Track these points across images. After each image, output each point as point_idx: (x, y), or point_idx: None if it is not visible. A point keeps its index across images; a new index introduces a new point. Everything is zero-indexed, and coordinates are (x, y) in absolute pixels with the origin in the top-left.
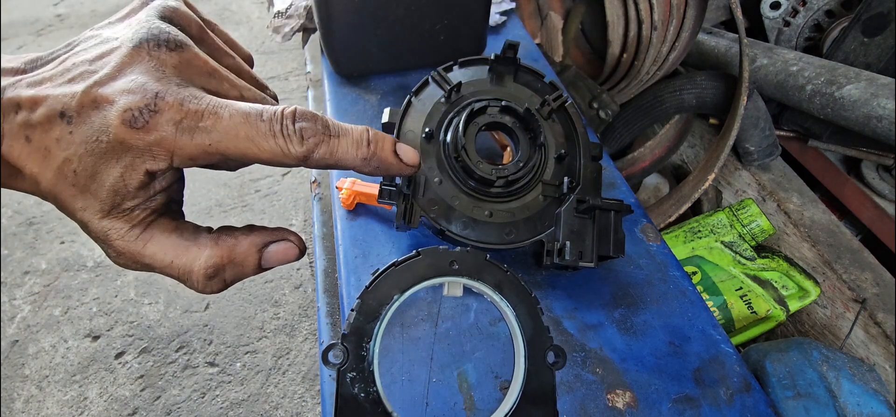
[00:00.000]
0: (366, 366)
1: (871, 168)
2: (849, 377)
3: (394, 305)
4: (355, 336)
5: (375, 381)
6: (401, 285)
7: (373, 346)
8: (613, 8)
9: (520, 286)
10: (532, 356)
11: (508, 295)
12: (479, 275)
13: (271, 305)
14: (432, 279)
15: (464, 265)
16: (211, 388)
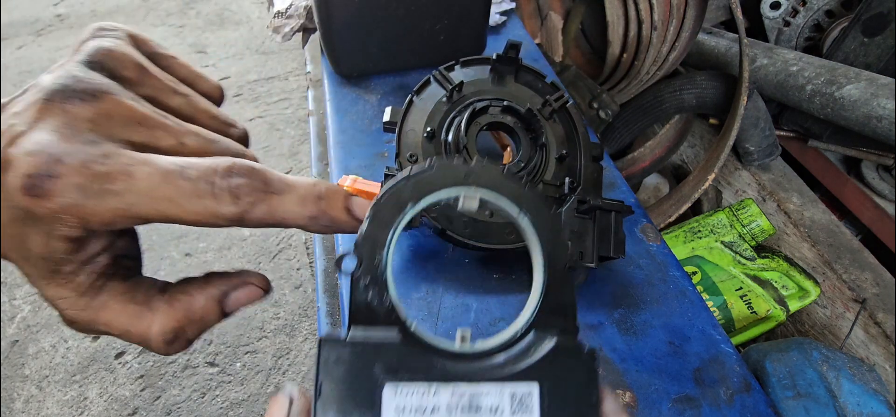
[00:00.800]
0: (379, 274)
1: (871, 168)
2: (849, 377)
3: (407, 214)
4: (368, 245)
5: (389, 288)
6: (414, 195)
7: (386, 254)
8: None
9: (538, 199)
10: (551, 269)
11: (527, 208)
12: (496, 187)
13: (271, 305)
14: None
15: (480, 176)
16: (211, 388)
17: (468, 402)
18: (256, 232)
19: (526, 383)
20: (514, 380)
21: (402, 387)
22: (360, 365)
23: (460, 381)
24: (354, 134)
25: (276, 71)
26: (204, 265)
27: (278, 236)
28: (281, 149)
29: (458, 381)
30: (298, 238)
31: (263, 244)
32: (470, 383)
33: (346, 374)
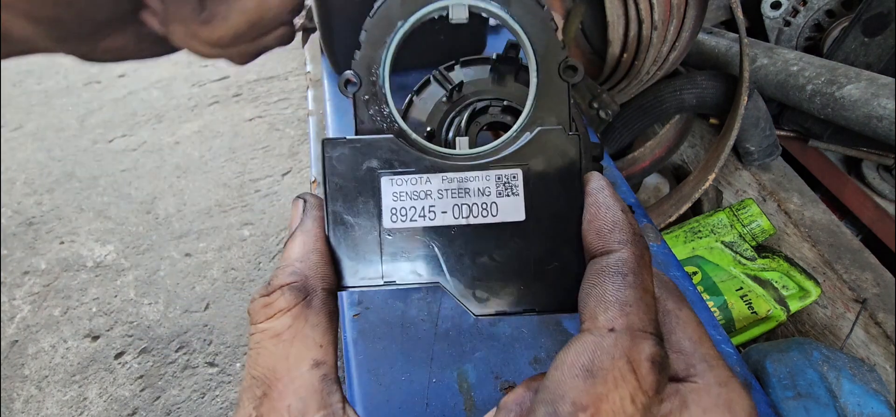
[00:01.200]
0: (378, 89)
1: (872, 168)
2: (849, 377)
3: (399, 31)
4: (365, 64)
5: (388, 102)
6: (404, 12)
7: (382, 70)
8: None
9: (531, 1)
10: (545, 69)
11: (516, 10)
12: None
13: None
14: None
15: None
16: (211, 388)
17: (457, 187)
18: (256, 233)
19: (511, 169)
20: (500, 167)
21: (398, 177)
22: (360, 161)
23: (450, 171)
24: None
25: (275, 71)
26: (203, 264)
27: (278, 236)
28: (281, 149)
29: (448, 171)
30: None
31: (264, 245)
32: (459, 172)
33: (349, 169)
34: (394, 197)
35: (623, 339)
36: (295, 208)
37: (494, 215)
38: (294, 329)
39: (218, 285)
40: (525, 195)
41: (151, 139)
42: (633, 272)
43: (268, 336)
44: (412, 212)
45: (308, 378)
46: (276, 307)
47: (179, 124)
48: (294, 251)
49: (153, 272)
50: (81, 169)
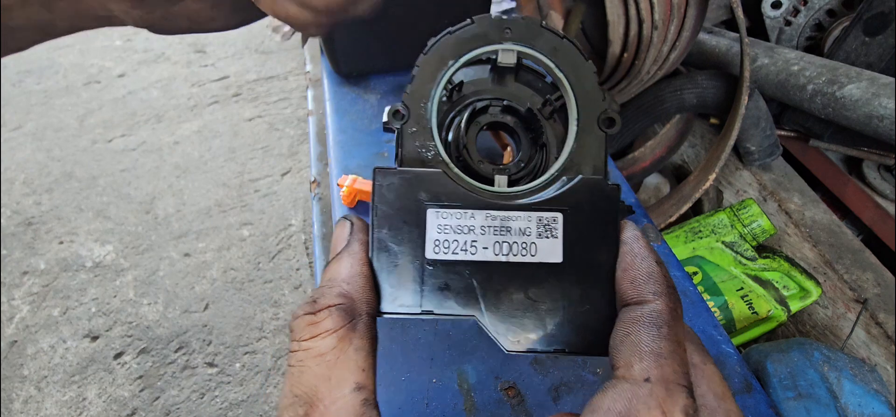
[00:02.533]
0: (426, 123)
1: (873, 168)
2: (850, 377)
3: (450, 69)
4: (415, 99)
5: (434, 137)
6: (455, 51)
7: (431, 105)
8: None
9: (574, 51)
10: (585, 117)
11: (561, 60)
12: (532, 41)
13: (271, 305)
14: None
15: (517, 30)
16: (210, 389)
17: (500, 224)
18: (256, 233)
19: (552, 212)
20: (542, 209)
21: (444, 211)
22: (408, 192)
23: (493, 209)
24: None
25: (275, 71)
26: (203, 264)
27: (278, 236)
28: (280, 149)
29: (492, 209)
30: (298, 239)
31: (263, 245)
32: (502, 210)
33: (397, 198)
34: (438, 229)
35: (658, 390)
36: (341, 228)
37: (533, 255)
38: (338, 351)
39: (217, 285)
40: (563, 239)
41: (151, 139)
42: (668, 324)
43: (311, 355)
44: (455, 245)
45: (350, 401)
46: (322, 327)
47: (179, 124)
48: (341, 272)
49: (152, 272)
50: (81, 169)
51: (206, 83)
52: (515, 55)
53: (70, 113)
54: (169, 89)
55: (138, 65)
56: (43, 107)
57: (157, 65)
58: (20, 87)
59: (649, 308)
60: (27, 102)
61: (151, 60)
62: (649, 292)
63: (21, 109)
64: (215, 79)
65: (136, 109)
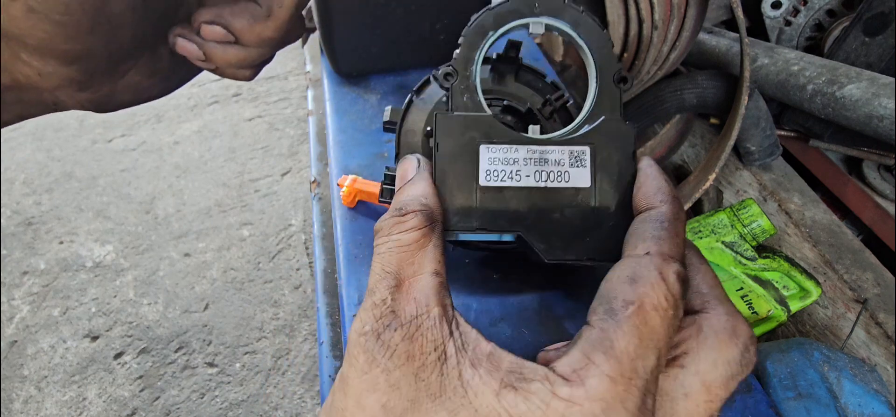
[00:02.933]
0: (471, 82)
1: (873, 168)
2: (850, 377)
3: (489, 39)
4: (462, 63)
5: (478, 92)
6: (494, 24)
7: (475, 68)
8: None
9: (592, 22)
10: (602, 77)
11: (582, 31)
12: (558, 14)
13: (271, 305)
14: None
15: (544, 6)
16: (210, 389)
17: (539, 156)
18: (256, 233)
19: (581, 146)
20: (572, 144)
21: (493, 147)
22: (463, 131)
23: (534, 145)
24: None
25: (275, 70)
26: (203, 264)
27: (278, 236)
28: (280, 149)
29: (533, 145)
30: (298, 239)
31: (263, 245)
32: (541, 146)
33: (455, 137)
34: (489, 161)
35: (656, 259)
36: (408, 163)
37: (567, 181)
38: (420, 244)
39: (217, 285)
40: (591, 167)
41: (151, 139)
42: (669, 220)
43: (397, 245)
44: (503, 174)
45: (430, 281)
46: (408, 224)
47: (179, 124)
48: (417, 190)
49: (152, 272)
50: (80, 169)
51: (205, 83)
52: (544, 27)
53: (70, 112)
54: None
55: None
56: None
57: None
58: None
59: (656, 211)
60: None
61: None
62: (657, 200)
63: None
64: (215, 79)
65: (135, 109)
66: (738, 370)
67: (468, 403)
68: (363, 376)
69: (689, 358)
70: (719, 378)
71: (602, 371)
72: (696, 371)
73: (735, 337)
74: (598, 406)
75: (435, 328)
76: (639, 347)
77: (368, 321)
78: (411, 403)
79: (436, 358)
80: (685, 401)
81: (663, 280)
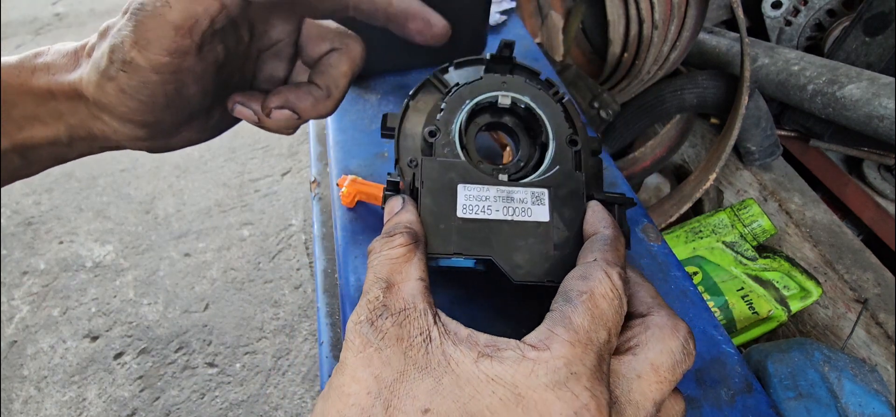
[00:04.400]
0: (451, 139)
1: (873, 168)
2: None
3: (466, 105)
4: (444, 122)
5: (457, 149)
6: (470, 95)
7: (455, 127)
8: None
9: (548, 97)
10: (558, 138)
11: (540, 104)
12: (522, 92)
13: (271, 305)
14: (489, 92)
15: (511, 84)
16: (210, 389)
17: (506, 195)
18: (256, 233)
19: (540, 188)
20: (534, 187)
21: (469, 186)
22: (444, 173)
23: (502, 186)
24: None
25: None
26: (203, 264)
27: (278, 236)
28: (280, 149)
29: (501, 186)
30: (298, 239)
31: (263, 245)
32: (508, 187)
33: (437, 177)
34: (465, 197)
35: (601, 263)
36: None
37: (530, 216)
38: (407, 257)
39: (217, 285)
40: (549, 205)
41: None
42: (611, 240)
43: (388, 258)
44: (476, 208)
45: (417, 284)
46: (396, 242)
47: None
48: (403, 218)
49: (152, 272)
50: (80, 169)
51: None
52: (510, 99)
53: None
54: None
55: None
56: None
57: None
58: None
59: (600, 234)
60: None
61: None
62: (601, 227)
63: None
64: None
65: None
66: (681, 357)
67: (451, 371)
68: (358, 354)
69: (639, 349)
70: (665, 364)
71: (563, 339)
72: (645, 358)
73: (676, 332)
74: (561, 362)
75: (421, 318)
76: (592, 322)
77: (363, 312)
78: (400, 374)
79: (422, 340)
80: (638, 382)
81: (608, 277)
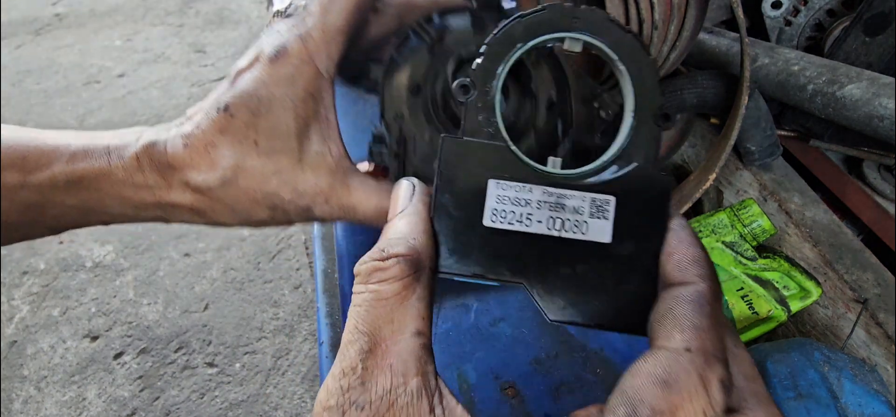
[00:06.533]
0: (489, 100)
1: (873, 168)
2: (850, 377)
3: (517, 52)
4: (482, 76)
5: (496, 113)
6: (524, 35)
7: (497, 84)
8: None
9: (637, 47)
10: (641, 111)
11: (625, 54)
12: (599, 32)
13: (271, 305)
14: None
15: (585, 21)
16: (210, 389)
17: (555, 201)
18: (256, 233)
19: (605, 195)
20: (596, 191)
21: (504, 183)
22: (472, 161)
23: (551, 187)
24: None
25: None
26: (202, 264)
27: (278, 236)
28: None
29: (550, 187)
30: (298, 239)
31: (263, 245)
32: (559, 188)
33: (460, 166)
34: (497, 200)
35: (697, 359)
36: (403, 189)
37: (584, 233)
38: (402, 297)
39: (217, 285)
40: (614, 220)
41: None
42: (710, 303)
43: (376, 298)
44: (512, 216)
45: (410, 344)
46: (389, 273)
47: None
48: (405, 228)
49: (152, 272)
50: None
51: (205, 83)
52: (581, 44)
53: (70, 113)
54: (169, 89)
55: (138, 65)
56: (43, 107)
57: (156, 65)
58: (20, 87)
59: (693, 288)
60: (27, 102)
61: (151, 60)
62: (694, 274)
63: (21, 109)
64: (215, 79)
65: (135, 109)
66: None
67: None
68: None
69: None
70: None
71: None
72: None
73: None
74: None
75: (412, 406)
76: None
77: (334, 392)
78: None
79: None
80: None
81: (704, 389)
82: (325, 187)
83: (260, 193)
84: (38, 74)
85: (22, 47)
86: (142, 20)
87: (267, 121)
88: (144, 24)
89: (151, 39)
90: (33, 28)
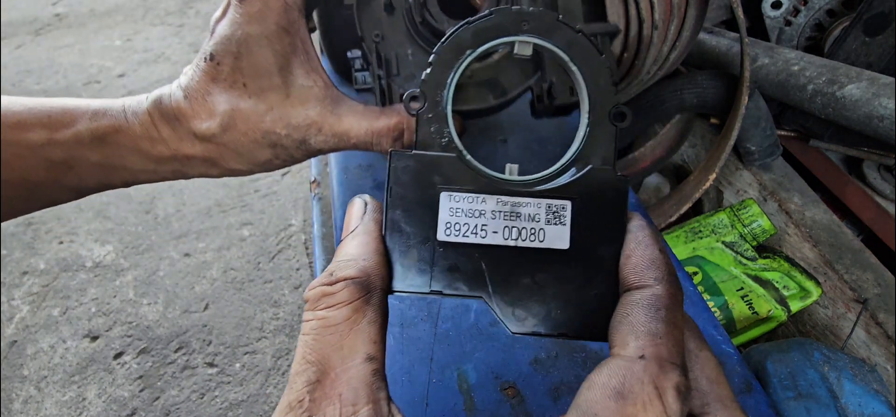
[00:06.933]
0: (440, 111)
1: (873, 168)
2: (850, 377)
3: (467, 58)
4: (431, 86)
5: (448, 123)
6: (473, 42)
7: (447, 94)
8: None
9: (589, 48)
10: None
11: (577, 55)
12: (549, 34)
13: (271, 305)
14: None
15: (534, 23)
16: (210, 389)
17: (510, 209)
18: (256, 233)
19: (561, 200)
20: (551, 197)
21: (456, 194)
22: (423, 175)
23: (504, 194)
24: None
25: None
26: (203, 265)
27: (278, 236)
28: None
29: (503, 194)
30: (298, 239)
31: (263, 245)
32: (512, 196)
33: (412, 181)
34: (450, 212)
35: (652, 366)
36: (355, 208)
37: (541, 241)
38: (352, 322)
39: (217, 285)
40: (571, 226)
41: None
42: (666, 307)
43: (325, 325)
44: (466, 228)
45: (361, 371)
46: (337, 298)
47: None
48: (355, 249)
49: (152, 272)
50: None
51: None
52: (531, 47)
53: None
54: None
55: (138, 65)
56: None
57: (156, 65)
58: (20, 87)
59: (649, 292)
60: None
61: (151, 60)
62: (650, 277)
63: None
64: None
65: None
66: None
67: None
68: None
69: None
70: None
71: None
72: None
73: None
74: None
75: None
76: None
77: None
78: None
79: None
80: None
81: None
82: (317, 117)
83: (258, 132)
84: (38, 74)
85: (22, 47)
86: (142, 20)
87: (248, 62)
88: (144, 24)
89: (151, 39)
90: (33, 28)
